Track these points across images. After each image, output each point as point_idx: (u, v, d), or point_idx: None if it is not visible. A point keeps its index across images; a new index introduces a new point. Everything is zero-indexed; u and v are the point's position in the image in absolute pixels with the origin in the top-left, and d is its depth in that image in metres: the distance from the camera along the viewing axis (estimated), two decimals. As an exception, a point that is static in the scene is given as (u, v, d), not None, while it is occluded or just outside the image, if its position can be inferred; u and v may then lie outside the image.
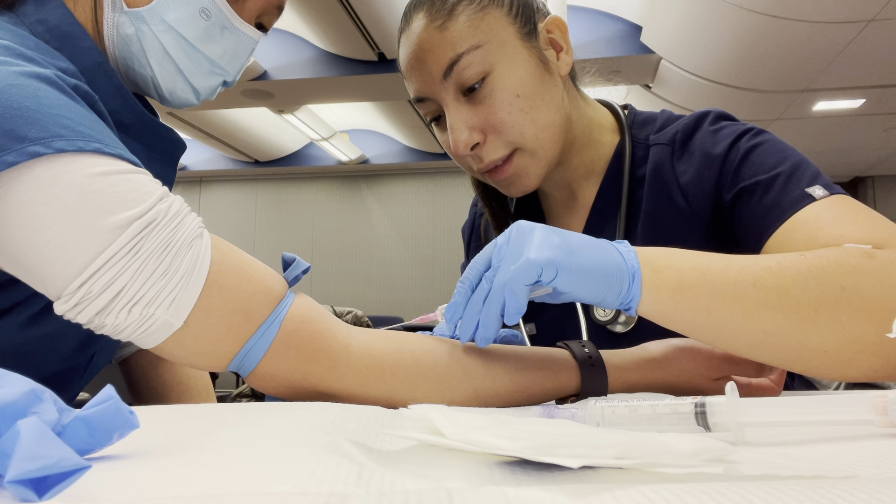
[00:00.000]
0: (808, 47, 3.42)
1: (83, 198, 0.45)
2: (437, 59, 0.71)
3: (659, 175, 0.76)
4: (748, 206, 0.66)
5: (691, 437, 0.30)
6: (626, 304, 0.51)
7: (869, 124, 4.77)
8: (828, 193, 0.61)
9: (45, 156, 0.45)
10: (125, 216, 0.45)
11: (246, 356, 0.51)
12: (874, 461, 0.30)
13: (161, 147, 0.68)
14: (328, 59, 4.16)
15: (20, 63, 0.50)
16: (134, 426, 0.29)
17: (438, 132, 0.78)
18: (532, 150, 0.73)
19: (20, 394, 0.26)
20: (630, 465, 0.27)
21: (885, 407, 0.35)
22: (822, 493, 0.23)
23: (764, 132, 0.72)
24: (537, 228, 0.52)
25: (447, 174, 6.53)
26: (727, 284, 0.51)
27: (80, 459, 0.23)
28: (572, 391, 0.56)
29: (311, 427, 0.36)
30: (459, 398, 0.53)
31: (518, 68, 0.71)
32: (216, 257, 0.49)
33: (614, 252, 0.52)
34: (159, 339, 0.48)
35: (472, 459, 0.31)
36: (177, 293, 0.46)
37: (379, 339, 0.54)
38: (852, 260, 0.52)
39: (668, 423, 0.38)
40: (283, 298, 0.52)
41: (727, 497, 0.22)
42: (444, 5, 0.71)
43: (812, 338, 0.50)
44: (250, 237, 6.77)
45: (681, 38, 3.56)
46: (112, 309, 0.45)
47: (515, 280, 0.49)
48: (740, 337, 0.51)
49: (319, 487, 0.25)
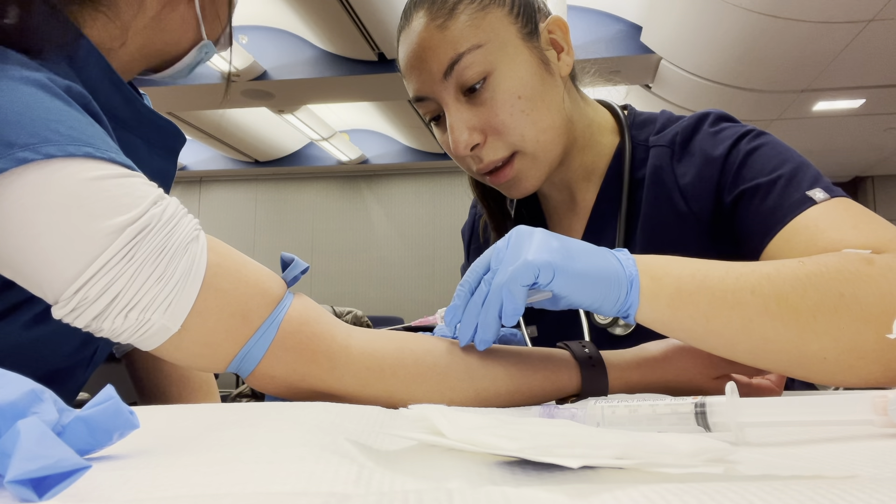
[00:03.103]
0: (808, 47, 3.42)
1: (76, 203, 0.44)
2: (438, 58, 0.70)
3: (659, 177, 0.76)
4: (749, 209, 0.66)
5: (691, 437, 0.30)
6: (624, 311, 0.52)
7: (869, 124, 4.77)
8: (828, 196, 0.61)
9: (35, 161, 0.44)
10: (118, 221, 0.45)
11: (245, 358, 0.51)
12: (874, 461, 0.30)
13: (161, 140, 0.68)
14: (328, 59, 4.16)
15: (12, 67, 0.50)
16: (134, 426, 0.29)
17: (438, 132, 0.78)
18: (533, 153, 0.73)
19: (20, 394, 0.26)
20: (630, 465, 0.27)
21: (885, 407, 0.35)
22: (822, 493, 0.23)
23: (764, 134, 0.72)
24: (537, 232, 0.52)
25: (447, 174, 6.53)
26: (726, 291, 0.51)
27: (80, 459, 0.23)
28: (573, 391, 0.56)
29: (311, 427, 0.36)
30: (460, 398, 0.53)
31: (519, 69, 0.71)
32: (212, 260, 0.49)
33: (613, 259, 0.52)
34: (157, 342, 0.48)
35: (472, 459, 0.31)
36: (173, 297, 0.46)
37: (379, 340, 0.54)
38: (851, 266, 0.51)
39: (668, 423, 0.38)
40: (282, 300, 0.52)
41: (727, 497, 0.22)
42: (444, 4, 0.71)
43: (811, 345, 0.50)
44: (250, 237, 6.77)
45: (681, 38, 3.56)
46: (109, 314, 0.45)
47: (513, 281, 0.49)
48: (739, 344, 0.51)
49: (319, 487, 0.25)
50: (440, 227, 6.53)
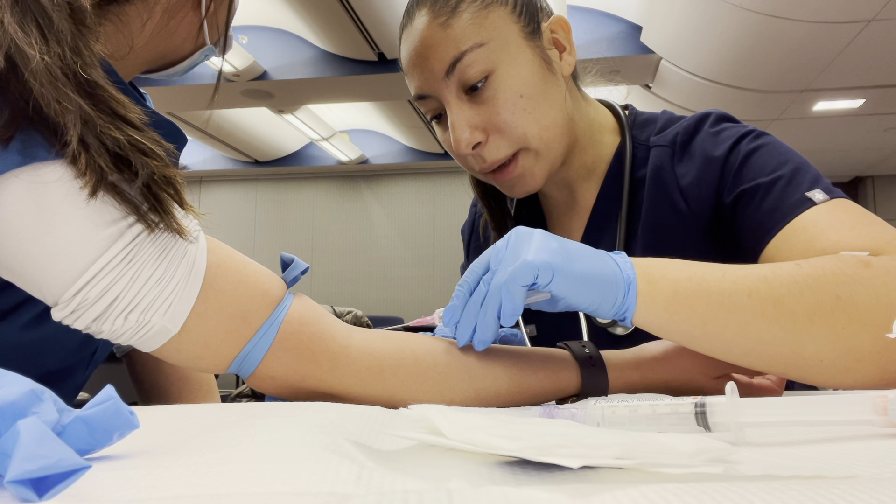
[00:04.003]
0: (808, 47, 3.42)
1: (73, 206, 0.44)
2: (440, 56, 0.70)
3: (659, 177, 0.76)
4: (748, 210, 0.66)
5: (691, 437, 0.30)
6: (620, 314, 0.52)
7: (869, 124, 4.77)
8: (828, 198, 0.61)
9: (33, 164, 0.44)
10: (118, 225, 0.45)
11: (245, 359, 0.51)
12: (874, 461, 0.30)
13: None
14: (328, 59, 4.16)
15: None
16: (134, 426, 0.29)
17: (439, 130, 0.78)
18: (536, 150, 0.73)
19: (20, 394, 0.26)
20: (630, 465, 0.27)
21: (885, 407, 0.35)
22: (822, 493, 0.23)
23: (765, 134, 0.72)
24: (536, 233, 0.52)
25: (447, 174, 6.53)
26: (722, 295, 0.51)
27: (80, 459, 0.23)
28: (573, 391, 0.56)
29: (311, 427, 0.36)
30: (460, 398, 0.53)
31: (522, 68, 0.71)
32: (212, 261, 0.49)
33: (611, 262, 0.52)
34: (157, 343, 0.48)
35: (472, 459, 0.31)
36: (173, 299, 0.46)
37: (379, 339, 0.54)
38: (847, 269, 0.51)
39: (668, 423, 0.38)
40: (282, 301, 0.52)
41: (727, 497, 0.22)
42: (447, 2, 0.70)
43: (808, 347, 0.50)
44: (250, 237, 6.77)
45: (681, 38, 3.56)
46: (108, 316, 0.45)
47: (512, 281, 0.49)
48: (736, 347, 0.51)
49: (319, 487, 0.25)
50: (440, 227, 6.52)
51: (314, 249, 6.67)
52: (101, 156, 0.43)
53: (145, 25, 0.61)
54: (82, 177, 0.43)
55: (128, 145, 0.44)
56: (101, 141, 0.43)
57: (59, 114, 0.42)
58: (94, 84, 0.44)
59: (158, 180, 0.46)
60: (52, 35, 0.43)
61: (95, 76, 0.44)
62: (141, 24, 0.60)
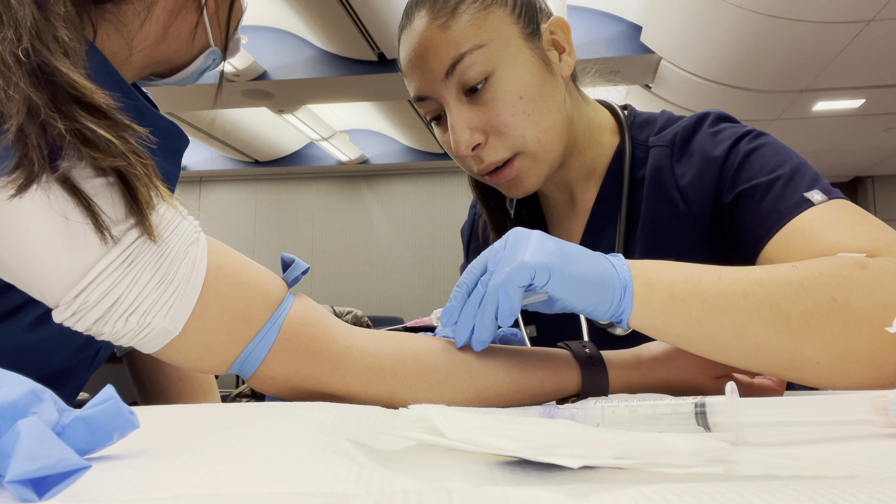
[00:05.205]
0: (808, 47, 3.42)
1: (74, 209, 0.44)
2: (439, 57, 0.70)
3: (658, 177, 0.76)
4: (747, 210, 0.66)
5: (691, 437, 0.30)
6: (617, 316, 0.52)
7: (869, 124, 4.77)
8: (826, 198, 0.61)
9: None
10: (118, 227, 0.45)
11: (246, 360, 0.51)
12: (874, 461, 0.30)
13: (164, 142, 0.68)
14: (328, 59, 4.16)
15: None
16: (134, 426, 0.29)
17: (439, 132, 0.78)
18: (534, 153, 0.73)
19: (20, 394, 0.26)
20: (630, 465, 0.27)
21: (885, 407, 0.35)
22: (822, 493, 0.23)
23: (764, 135, 0.72)
24: (534, 235, 0.52)
25: (447, 174, 6.53)
26: (718, 297, 0.51)
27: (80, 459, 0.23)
28: (573, 391, 0.56)
29: (311, 427, 0.36)
30: (460, 398, 0.53)
31: (521, 69, 0.71)
32: (213, 262, 0.49)
33: (607, 263, 0.52)
34: (158, 345, 0.48)
35: (472, 459, 0.31)
36: (174, 301, 0.46)
37: (380, 340, 0.54)
38: (844, 271, 0.51)
39: (668, 423, 0.38)
40: (282, 302, 0.52)
41: (727, 497, 0.22)
42: (447, 3, 0.70)
43: (804, 349, 0.50)
44: (250, 237, 6.77)
45: (681, 38, 3.56)
46: (109, 318, 0.45)
47: (509, 281, 0.49)
48: (732, 349, 0.51)
49: (319, 487, 0.25)
50: (440, 227, 6.52)
51: (314, 249, 6.67)
52: (34, 149, 0.41)
53: (144, 26, 0.61)
54: (12, 172, 0.41)
55: (71, 135, 0.42)
56: (43, 129, 0.41)
57: (3, 101, 0.41)
58: (55, 71, 0.42)
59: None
60: (8, 20, 0.42)
61: (57, 63, 0.43)
62: (139, 26, 0.60)
